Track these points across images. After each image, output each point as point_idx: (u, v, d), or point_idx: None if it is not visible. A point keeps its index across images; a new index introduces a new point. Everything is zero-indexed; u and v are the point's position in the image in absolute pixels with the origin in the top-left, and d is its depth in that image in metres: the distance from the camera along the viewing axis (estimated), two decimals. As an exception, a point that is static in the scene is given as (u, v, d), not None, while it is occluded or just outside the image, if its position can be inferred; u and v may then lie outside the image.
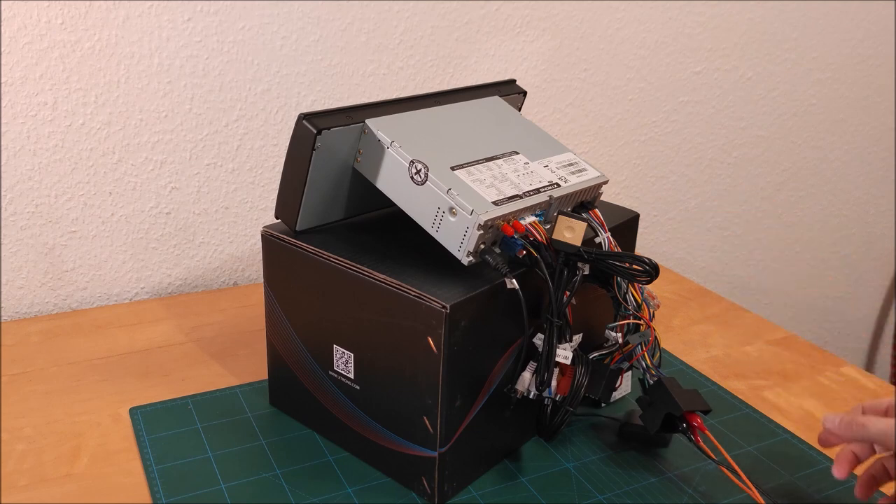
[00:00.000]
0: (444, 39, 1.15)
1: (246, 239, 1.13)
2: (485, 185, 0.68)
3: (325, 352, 0.74)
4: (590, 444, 0.79)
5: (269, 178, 1.11)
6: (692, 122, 1.41)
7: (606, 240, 0.74)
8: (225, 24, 1.01)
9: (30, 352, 0.92)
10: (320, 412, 0.77)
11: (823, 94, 1.52)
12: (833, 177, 1.61)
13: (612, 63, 1.30)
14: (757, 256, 1.60)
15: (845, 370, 0.96)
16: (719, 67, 1.39)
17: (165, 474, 0.72)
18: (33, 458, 0.75)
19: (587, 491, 0.73)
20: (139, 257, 1.07)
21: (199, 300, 1.07)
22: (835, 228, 1.67)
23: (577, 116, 1.31)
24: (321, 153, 0.69)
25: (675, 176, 1.45)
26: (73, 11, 0.93)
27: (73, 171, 1.00)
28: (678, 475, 0.76)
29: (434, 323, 0.64)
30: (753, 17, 1.38)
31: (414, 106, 0.76)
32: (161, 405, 0.83)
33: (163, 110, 1.02)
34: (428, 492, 0.70)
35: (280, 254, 0.75)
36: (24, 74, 0.93)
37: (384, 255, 0.70)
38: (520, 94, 0.86)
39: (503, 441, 0.76)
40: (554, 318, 0.68)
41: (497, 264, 0.66)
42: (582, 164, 0.77)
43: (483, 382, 0.70)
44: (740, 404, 0.88)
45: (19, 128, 0.95)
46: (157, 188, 1.05)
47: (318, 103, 1.10)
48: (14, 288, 1.02)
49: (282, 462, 0.75)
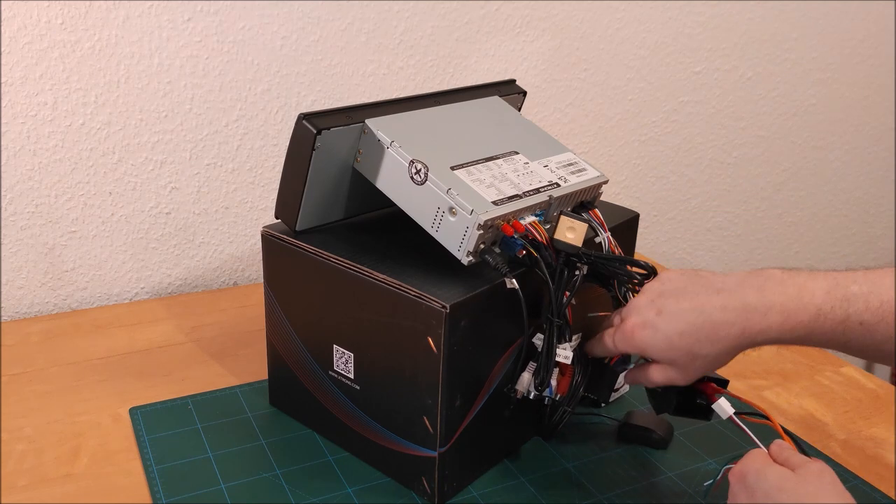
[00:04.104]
0: (444, 39, 1.15)
1: (246, 239, 1.13)
2: (485, 185, 0.68)
3: (325, 352, 0.74)
4: (590, 444, 0.79)
5: (269, 178, 1.11)
6: (692, 122, 1.41)
7: (606, 240, 0.74)
8: (225, 24, 1.01)
9: (30, 352, 0.92)
10: (320, 412, 0.77)
11: (823, 94, 1.52)
12: (833, 177, 1.61)
13: (612, 63, 1.30)
14: (757, 256, 1.60)
15: (845, 370, 0.96)
16: (719, 67, 1.39)
17: (165, 474, 0.72)
18: (33, 458, 0.75)
19: (587, 491, 0.73)
20: (139, 257, 1.07)
21: (199, 300, 1.07)
22: (835, 228, 1.67)
23: (577, 116, 1.31)
24: (321, 153, 0.69)
25: (675, 176, 1.45)
26: (73, 11, 0.93)
27: (73, 171, 1.00)
28: (678, 475, 0.76)
29: (434, 323, 0.64)
30: (753, 17, 1.38)
31: (414, 106, 0.76)
32: (161, 405, 0.83)
33: (163, 110, 1.02)
34: (428, 492, 0.70)
35: (280, 254, 0.75)
36: (24, 74, 0.93)
37: (384, 255, 0.70)
38: (520, 94, 0.86)
39: (503, 441, 0.76)
40: (554, 318, 0.68)
41: (497, 264, 0.66)
42: (582, 164, 0.77)
43: (483, 382, 0.70)
44: (741, 404, 0.87)
45: (19, 128, 0.95)
46: (157, 188, 1.05)
47: (318, 103, 1.10)
48: (14, 288, 1.02)
49: (282, 462, 0.75)
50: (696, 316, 0.61)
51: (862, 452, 0.82)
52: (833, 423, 0.86)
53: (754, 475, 0.56)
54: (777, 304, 0.60)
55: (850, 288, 0.59)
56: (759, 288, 0.61)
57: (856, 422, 0.87)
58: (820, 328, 0.59)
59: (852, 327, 0.59)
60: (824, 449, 0.81)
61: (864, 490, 0.75)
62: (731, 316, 0.61)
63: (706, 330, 0.61)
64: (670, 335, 0.62)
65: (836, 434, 0.85)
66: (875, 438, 0.84)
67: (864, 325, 0.59)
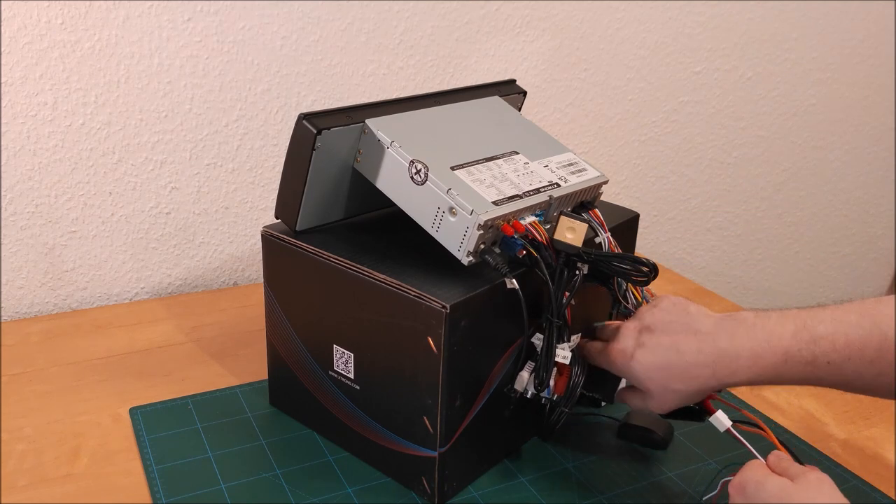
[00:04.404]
0: (444, 39, 1.15)
1: (246, 239, 1.13)
2: (485, 185, 0.68)
3: (325, 352, 0.74)
4: (590, 444, 0.79)
5: (269, 178, 1.11)
6: (692, 122, 1.41)
7: (606, 240, 0.74)
8: (225, 24, 1.01)
9: (30, 352, 0.92)
10: (320, 412, 0.77)
11: (823, 94, 1.52)
12: (833, 177, 1.61)
13: (612, 63, 1.30)
14: (757, 256, 1.60)
15: (845, 370, 0.96)
16: (719, 67, 1.39)
17: (165, 474, 0.72)
18: (33, 458, 0.75)
19: (587, 491, 0.73)
20: (139, 257, 1.07)
21: (199, 300, 1.07)
22: (835, 228, 1.67)
23: (577, 116, 1.31)
24: (321, 153, 0.69)
25: (675, 176, 1.45)
26: (73, 11, 0.93)
27: (73, 171, 1.00)
28: (678, 475, 0.76)
29: (434, 323, 0.64)
30: (753, 17, 1.38)
31: (414, 106, 0.76)
32: (161, 405, 0.83)
33: (163, 110, 1.02)
34: (428, 492, 0.70)
35: (280, 254, 0.75)
36: (24, 74, 0.93)
37: (384, 255, 0.70)
38: (520, 94, 0.86)
39: (503, 441, 0.76)
40: (554, 318, 0.68)
41: (497, 264, 0.66)
42: (582, 164, 0.77)
43: (483, 382, 0.70)
44: (740, 404, 0.88)
45: (19, 128, 0.95)
46: (157, 188, 1.05)
47: (318, 103, 1.10)
48: (14, 288, 1.02)
49: (282, 462, 0.75)
50: (672, 354, 0.64)
51: (862, 452, 0.82)
52: (833, 423, 0.86)
53: (753, 486, 0.56)
54: (746, 350, 0.63)
55: (816, 329, 0.61)
56: (731, 334, 0.63)
57: (856, 422, 0.87)
58: (789, 370, 0.62)
59: (821, 366, 0.61)
60: (824, 449, 0.81)
61: (864, 490, 0.75)
62: (703, 358, 0.64)
63: (680, 369, 0.64)
64: (647, 368, 0.65)
65: (836, 434, 0.85)
66: (875, 438, 0.84)
67: (831, 365, 0.61)
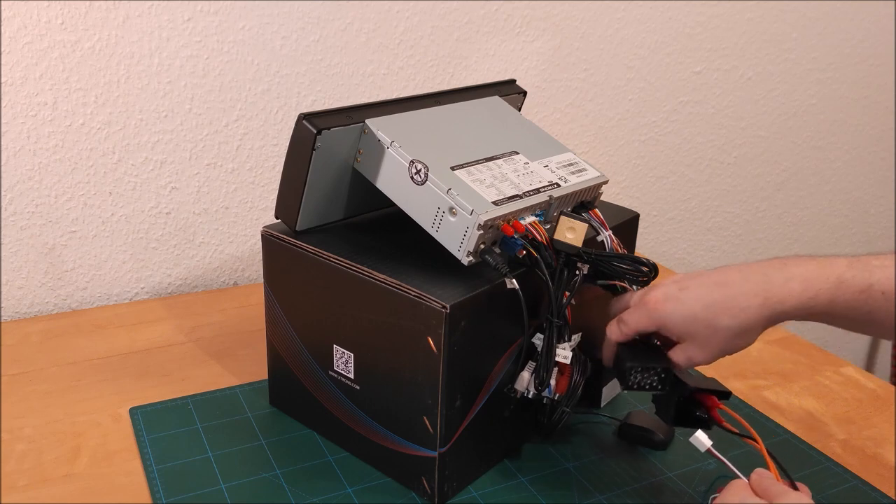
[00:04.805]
0: (444, 39, 1.15)
1: (246, 239, 1.13)
2: (485, 185, 0.68)
3: (325, 352, 0.74)
4: (590, 444, 0.79)
5: (269, 178, 1.11)
6: (692, 122, 1.41)
7: (608, 238, 0.74)
8: (225, 24, 1.01)
9: (30, 352, 0.92)
10: (320, 412, 0.77)
11: (823, 94, 1.52)
12: (833, 177, 1.61)
13: (612, 63, 1.30)
14: (757, 256, 1.60)
15: (845, 370, 0.96)
16: (719, 67, 1.39)
17: (165, 474, 0.72)
18: (33, 458, 0.75)
19: (587, 491, 0.73)
20: (139, 257, 1.07)
21: (199, 300, 1.07)
22: (835, 228, 1.67)
23: (577, 116, 1.31)
24: (321, 153, 0.69)
25: (675, 176, 1.45)
26: (73, 11, 0.93)
27: (73, 171, 1.00)
28: (678, 475, 0.76)
29: (434, 323, 0.64)
30: (753, 17, 1.38)
31: (414, 106, 0.76)
32: (161, 405, 0.83)
33: (163, 110, 1.02)
34: (428, 492, 0.70)
35: (280, 254, 0.75)
36: (24, 74, 0.93)
37: (384, 255, 0.70)
38: (520, 94, 0.86)
39: (503, 441, 0.76)
40: (554, 318, 0.68)
41: (497, 264, 0.66)
42: (582, 164, 0.77)
43: (483, 382, 0.70)
44: (740, 404, 0.88)
45: (19, 128, 0.95)
46: (157, 188, 1.05)
47: (318, 103, 1.10)
48: (14, 288, 1.02)
49: (282, 462, 0.75)
50: (719, 288, 0.62)
51: (862, 452, 0.82)
52: (833, 423, 0.86)
53: None
54: (797, 275, 0.61)
55: (871, 261, 0.60)
56: (781, 263, 0.62)
57: (856, 422, 0.87)
58: (842, 296, 0.60)
59: (875, 296, 0.59)
60: (824, 449, 0.81)
61: (864, 490, 0.75)
62: (751, 287, 0.62)
63: (728, 301, 0.62)
64: (693, 307, 0.63)
65: (836, 434, 0.85)
66: (875, 438, 0.84)
67: (885, 295, 0.59)
